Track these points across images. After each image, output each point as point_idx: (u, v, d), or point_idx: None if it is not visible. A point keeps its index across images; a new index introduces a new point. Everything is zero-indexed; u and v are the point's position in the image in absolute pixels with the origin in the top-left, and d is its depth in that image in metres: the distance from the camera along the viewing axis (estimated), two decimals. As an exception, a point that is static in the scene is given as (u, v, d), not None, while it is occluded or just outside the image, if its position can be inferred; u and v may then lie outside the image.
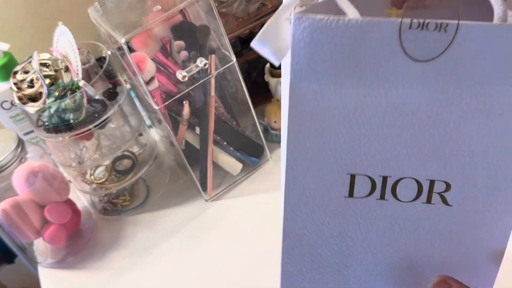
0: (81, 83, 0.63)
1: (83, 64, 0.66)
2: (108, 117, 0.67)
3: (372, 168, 0.36)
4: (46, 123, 0.65)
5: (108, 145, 0.72)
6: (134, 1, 0.64)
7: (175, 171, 0.79)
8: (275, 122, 0.75)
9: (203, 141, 0.70)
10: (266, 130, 0.77)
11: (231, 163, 0.73)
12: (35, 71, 0.65)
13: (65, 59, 0.66)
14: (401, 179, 0.36)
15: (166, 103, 0.64)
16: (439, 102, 0.33)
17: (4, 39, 0.80)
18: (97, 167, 0.74)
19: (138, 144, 0.75)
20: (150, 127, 0.80)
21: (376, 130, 0.35)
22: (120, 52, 0.64)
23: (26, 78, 0.66)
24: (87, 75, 0.68)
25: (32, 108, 0.65)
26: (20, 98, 0.66)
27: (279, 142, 0.78)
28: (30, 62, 0.67)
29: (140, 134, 0.75)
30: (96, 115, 0.66)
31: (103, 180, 0.74)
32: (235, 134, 0.73)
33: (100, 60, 0.70)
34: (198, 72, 0.64)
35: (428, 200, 0.36)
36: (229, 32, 0.75)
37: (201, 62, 0.63)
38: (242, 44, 0.78)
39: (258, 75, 0.81)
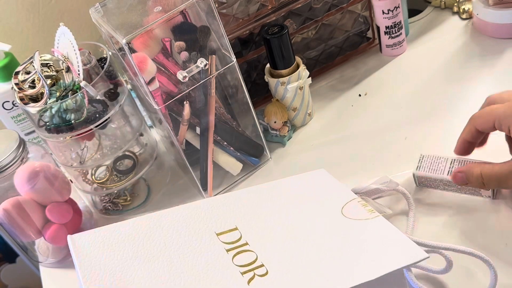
0: (82, 83, 0.63)
1: (84, 64, 0.67)
2: (109, 117, 0.67)
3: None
4: (47, 123, 0.66)
5: (109, 145, 0.72)
6: (135, 2, 0.64)
7: (176, 171, 0.79)
8: (275, 122, 0.76)
9: (203, 141, 0.70)
10: (266, 130, 0.78)
11: (231, 163, 0.73)
12: (36, 72, 0.65)
13: (66, 60, 0.66)
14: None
15: (166, 103, 0.64)
16: None
17: (6, 39, 0.80)
18: (98, 167, 0.75)
19: (138, 144, 0.76)
20: (150, 127, 0.80)
21: None
22: (121, 52, 0.64)
23: (27, 79, 0.66)
24: (88, 76, 0.68)
25: (33, 108, 0.65)
26: (21, 99, 0.66)
27: (279, 142, 0.78)
28: (31, 62, 0.67)
29: (141, 134, 0.75)
30: (97, 115, 0.66)
31: (104, 180, 0.75)
32: (235, 134, 0.73)
33: (101, 60, 0.70)
34: (199, 72, 0.64)
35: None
36: (229, 32, 0.75)
37: (201, 62, 0.63)
38: (242, 45, 0.78)
39: (258, 75, 0.82)
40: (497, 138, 0.65)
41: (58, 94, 0.65)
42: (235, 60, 0.66)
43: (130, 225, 0.51)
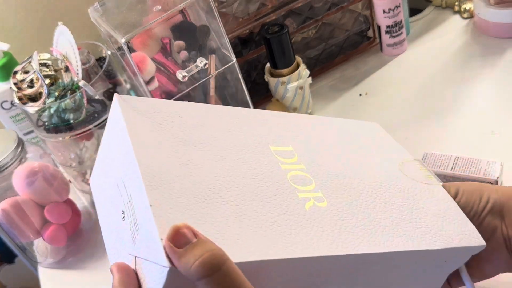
0: (81, 83, 0.63)
1: (83, 64, 0.66)
2: (108, 117, 0.67)
3: None
4: (46, 123, 0.65)
5: (108, 145, 0.72)
6: (134, 1, 0.64)
7: (175, 171, 0.79)
8: (275, 122, 0.75)
9: (203, 141, 0.70)
10: (266, 130, 0.77)
11: (231, 163, 0.73)
12: (35, 71, 0.65)
13: (65, 59, 0.66)
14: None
15: (166, 103, 0.64)
16: None
17: (4, 39, 0.80)
18: (97, 167, 0.74)
19: (138, 144, 0.75)
20: (150, 127, 0.80)
21: None
22: (120, 52, 0.64)
23: (26, 78, 0.66)
24: (87, 75, 0.68)
25: (32, 108, 0.65)
26: (20, 98, 0.66)
27: (279, 142, 0.77)
28: (30, 62, 0.67)
29: (140, 134, 0.75)
30: (96, 115, 0.66)
31: (103, 180, 0.74)
32: (235, 134, 0.73)
33: (100, 60, 0.70)
34: (198, 72, 0.64)
35: None
36: (229, 32, 0.75)
37: (201, 62, 0.63)
38: (242, 44, 0.78)
39: (258, 75, 0.81)
40: (498, 138, 0.65)
41: (57, 93, 0.65)
42: (235, 59, 0.66)
43: (181, 107, 0.44)
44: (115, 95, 0.42)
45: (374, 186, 0.45)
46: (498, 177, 0.56)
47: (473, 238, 0.43)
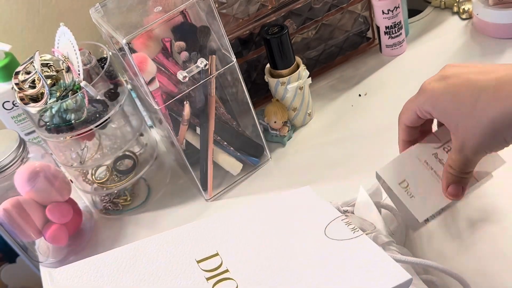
0: (82, 83, 0.63)
1: (84, 64, 0.67)
2: (109, 117, 0.67)
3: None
4: (48, 123, 0.66)
5: (109, 145, 0.72)
6: (135, 2, 0.64)
7: (176, 171, 0.79)
8: (275, 122, 0.76)
9: (203, 141, 0.70)
10: (266, 130, 0.78)
11: (231, 163, 0.73)
12: (36, 72, 0.65)
13: (66, 60, 0.66)
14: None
15: (166, 104, 0.65)
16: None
17: (6, 39, 0.80)
18: (98, 167, 0.75)
19: (139, 144, 0.76)
20: (151, 127, 0.80)
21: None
22: (121, 52, 0.64)
23: (27, 79, 0.66)
24: (88, 76, 0.69)
25: (33, 108, 0.65)
26: (21, 99, 0.66)
27: (279, 142, 0.78)
28: (31, 62, 0.67)
29: (141, 134, 0.75)
30: (97, 115, 0.66)
31: (104, 180, 0.75)
32: (235, 134, 0.73)
33: (101, 60, 0.71)
34: (199, 72, 0.64)
35: None
36: (229, 32, 0.75)
37: (201, 62, 0.63)
38: (242, 45, 0.78)
39: (258, 76, 0.82)
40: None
41: (58, 94, 0.65)
42: (235, 60, 0.66)
43: (111, 257, 0.51)
44: (46, 273, 0.49)
45: (300, 267, 0.48)
46: None
47: (398, 276, 0.45)
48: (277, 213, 0.57)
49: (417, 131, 0.54)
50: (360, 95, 0.81)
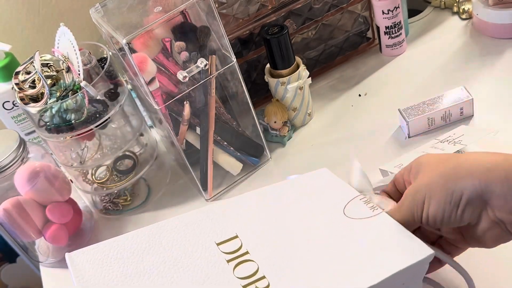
0: (82, 83, 0.63)
1: (84, 64, 0.67)
2: (109, 117, 0.67)
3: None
4: (48, 123, 0.66)
5: (109, 145, 0.72)
6: (135, 2, 0.64)
7: (176, 171, 0.79)
8: (275, 122, 0.76)
9: (203, 141, 0.70)
10: (266, 130, 0.78)
11: (231, 163, 0.73)
12: (36, 72, 0.65)
13: (66, 60, 0.66)
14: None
15: (166, 104, 0.65)
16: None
17: (6, 39, 0.80)
18: (98, 167, 0.75)
19: (139, 144, 0.76)
20: (151, 127, 0.80)
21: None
22: (121, 52, 0.64)
23: (27, 79, 0.66)
24: (88, 76, 0.69)
25: (33, 108, 0.65)
26: (21, 99, 0.66)
27: (279, 142, 0.78)
28: (31, 62, 0.67)
29: (141, 134, 0.75)
30: (97, 115, 0.66)
31: (104, 180, 0.75)
32: (235, 134, 0.73)
33: (101, 60, 0.71)
34: (199, 72, 0.64)
35: None
36: (229, 32, 0.75)
37: (201, 62, 0.63)
38: (242, 45, 0.78)
39: (258, 76, 0.82)
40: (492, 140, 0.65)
41: (58, 94, 0.65)
42: (235, 60, 0.66)
43: (129, 239, 0.51)
44: (66, 255, 0.48)
45: (319, 247, 0.48)
46: None
47: (419, 252, 0.44)
48: (295, 194, 0.56)
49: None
50: (360, 95, 0.81)
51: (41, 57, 0.67)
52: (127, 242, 0.50)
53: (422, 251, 0.44)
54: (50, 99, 0.65)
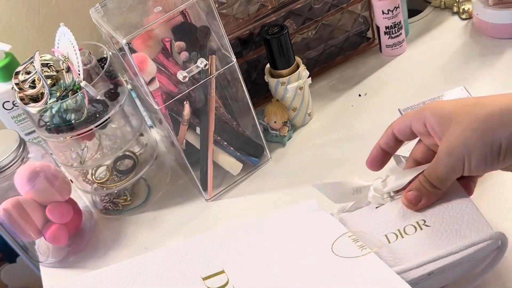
0: (82, 83, 0.63)
1: (84, 64, 0.67)
2: (109, 117, 0.67)
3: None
4: (48, 123, 0.66)
5: (109, 145, 0.72)
6: (135, 2, 0.64)
7: (176, 171, 0.79)
8: (275, 122, 0.76)
9: (203, 141, 0.70)
10: (266, 130, 0.78)
11: (231, 163, 0.73)
12: (36, 72, 0.65)
13: (66, 60, 0.66)
14: None
15: (166, 104, 0.65)
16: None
17: (6, 39, 0.80)
18: (98, 167, 0.75)
19: (139, 144, 0.76)
20: (151, 127, 0.80)
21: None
22: (121, 52, 0.64)
23: (27, 79, 0.66)
24: (88, 76, 0.69)
25: (33, 108, 0.65)
26: (21, 99, 0.66)
27: (279, 142, 0.78)
28: (31, 62, 0.67)
29: (141, 134, 0.75)
30: (97, 115, 0.66)
31: (104, 180, 0.75)
32: (235, 134, 0.73)
33: (101, 60, 0.71)
34: (199, 72, 0.64)
35: None
36: (229, 32, 0.75)
37: (201, 62, 0.63)
38: (242, 45, 0.78)
39: (258, 76, 0.82)
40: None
41: (58, 94, 0.65)
42: (235, 60, 0.66)
43: (115, 272, 0.51)
44: None
45: (308, 285, 0.48)
46: None
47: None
48: (283, 229, 0.56)
49: (397, 146, 0.54)
50: (360, 95, 0.81)
51: (41, 57, 0.67)
52: (111, 275, 0.50)
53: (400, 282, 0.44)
54: (50, 99, 0.65)
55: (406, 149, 0.61)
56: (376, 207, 0.53)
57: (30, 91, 0.66)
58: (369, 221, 0.53)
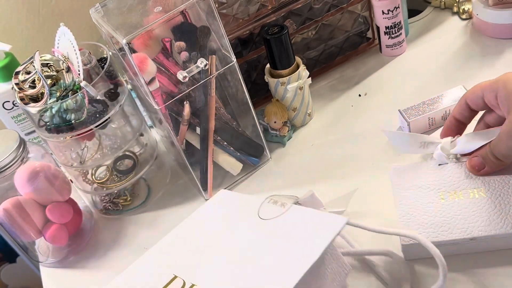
0: (82, 83, 0.63)
1: (84, 64, 0.67)
2: (109, 117, 0.67)
3: (190, 275, 0.53)
4: (48, 123, 0.66)
5: (109, 145, 0.72)
6: (135, 2, 0.64)
7: (176, 171, 0.79)
8: (275, 122, 0.76)
9: (203, 141, 0.70)
10: (266, 130, 0.78)
11: (231, 163, 0.73)
12: (36, 72, 0.65)
13: (66, 60, 0.66)
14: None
15: (166, 104, 0.65)
16: (258, 239, 0.54)
17: (6, 39, 0.80)
18: (98, 167, 0.75)
19: (139, 144, 0.76)
20: (151, 127, 0.80)
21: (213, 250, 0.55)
22: (121, 52, 0.64)
23: (27, 79, 0.66)
24: (88, 76, 0.69)
25: (33, 108, 0.65)
26: (21, 99, 0.66)
27: (279, 142, 0.78)
28: (31, 62, 0.67)
29: (141, 134, 0.75)
30: (97, 115, 0.66)
31: (104, 180, 0.75)
32: (235, 134, 0.73)
33: (101, 60, 0.71)
34: (199, 72, 0.64)
35: None
36: (229, 32, 0.75)
37: (201, 62, 0.63)
38: (242, 45, 0.78)
39: (258, 76, 0.82)
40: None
41: (58, 94, 0.65)
42: (235, 60, 0.66)
43: None
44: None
45: (253, 255, 0.53)
46: None
47: (338, 221, 0.51)
48: (211, 217, 0.61)
49: (472, 115, 0.56)
50: (360, 95, 0.81)
51: (41, 57, 0.67)
52: None
53: (339, 220, 0.50)
54: (50, 99, 0.65)
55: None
56: (439, 165, 0.56)
57: (30, 91, 0.66)
58: (428, 176, 0.56)
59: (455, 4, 0.89)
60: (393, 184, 0.58)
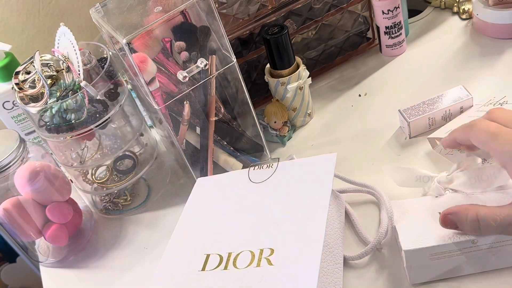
0: (83, 83, 0.63)
1: (84, 64, 0.67)
2: (109, 117, 0.67)
3: (221, 247, 0.55)
4: (48, 123, 0.66)
5: (109, 145, 0.72)
6: (135, 2, 0.64)
7: (176, 171, 0.79)
8: (275, 122, 0.76)
9: (203, 141, 0.70)
10: (266, 130, 0.78)
11: (231, 163, 0.73)
12: (36, 72, 0.65)
13: (66, 60, 0.66)
14: (240, 252, 0.53)
15: (166, 103, 0.65)
16: (263, 200, 0.59)
17: (6, 39, 0.81)
18: (98, 167, 0.75)
19: (139, 144, 0.76)
20: (151, 127, 0.80)
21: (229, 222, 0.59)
22: (121, 52, 0.64)
23: (27, 79, 0.66)
24: (88, 76, 0.69)
25: (33, 108, 0.65)
26: (22, 98, 0.66)
27: (279, 142, 0.78)
28: (31, 62, 0.67)
29: (141, 134, 0.75)
30: (97, 115, 0.66)
31: (104, 179, 0.75)
32: (235, 134, 0.73)
33: (101, 60, 0.71)
34: (199, 72, 0.64)
35: (258, 264, 0.51)
36: (229, 32, 0.75)
37: (201, 62, 0.63)
38: (242, 45, 0.78)
39: (258, 76, 0.82)
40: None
41: (58, 94, 0.65)
42: (235, 60, 0.66)
43: None
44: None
45: (266, 217, 0.57)
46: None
47: (330, 157, 0.59)
48: (210, 199, 0.64)
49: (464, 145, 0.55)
50: (360, 95, 0.81)
51: (41, 57, 0.67)
52: None
53: (330, 157, 0.57)
54: (50, 99, 0.65)
55: (442, 131, 0.61)
56: (436, 197, 0.57)
57: (30, 91, 0.66)
58: (424, 203, 0.57)
59: (455, 4, 0.89)
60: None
